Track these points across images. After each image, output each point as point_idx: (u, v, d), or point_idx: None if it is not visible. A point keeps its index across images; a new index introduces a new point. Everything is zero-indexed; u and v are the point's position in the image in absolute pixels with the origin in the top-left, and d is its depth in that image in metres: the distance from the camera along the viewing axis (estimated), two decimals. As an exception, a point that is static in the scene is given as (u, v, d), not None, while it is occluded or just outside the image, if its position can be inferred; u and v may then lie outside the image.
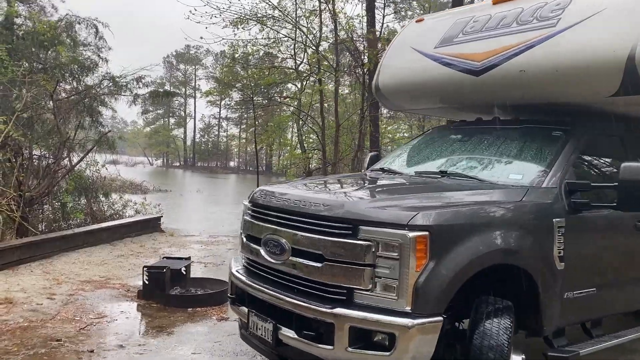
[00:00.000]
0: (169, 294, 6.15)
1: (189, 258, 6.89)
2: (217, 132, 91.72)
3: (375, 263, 3.14)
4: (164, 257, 6.82)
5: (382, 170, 4.83)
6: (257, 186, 14.62)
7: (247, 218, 4.07)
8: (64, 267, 7.61)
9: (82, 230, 9.00)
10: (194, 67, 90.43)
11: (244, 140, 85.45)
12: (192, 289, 6.63)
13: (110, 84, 11.19)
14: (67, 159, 11.48)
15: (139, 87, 11.87)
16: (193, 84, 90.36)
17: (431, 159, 4.74)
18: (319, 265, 3.31)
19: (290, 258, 3.50)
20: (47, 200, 10.28)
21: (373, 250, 3.14)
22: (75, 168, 11.19)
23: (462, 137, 4.84)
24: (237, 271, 4.11)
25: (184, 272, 6.61)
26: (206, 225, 19.67)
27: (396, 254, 3.08)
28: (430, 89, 5.16)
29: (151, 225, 11.21)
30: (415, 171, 4.53)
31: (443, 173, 4.26)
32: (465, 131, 4.95)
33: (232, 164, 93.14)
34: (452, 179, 4.10)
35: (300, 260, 3.42)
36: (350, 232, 3.23)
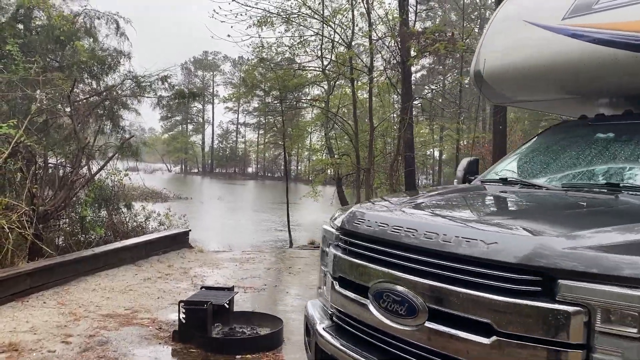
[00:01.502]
0: (212, 336, 4.94)
1: (232, 288, 5.68)
2: (235, 138, 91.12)
3: (591, 343, 1.89)
4: (202, 288, 5.63)
5: (506, 182, 3.56)
6: (287, 193, 13.53)
7: (339, 254, 2.85)
8: (82, 296, 6.45)
9: (103, 250, 7.84)
10: (212, 73, 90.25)
11: (262, 146, 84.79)
12: (237, 326, 5.41)
13: (133, 84, 10.07)
14: (87, 167, 10.43)
15: (164, 88, 10.73)
16: (211, 90, 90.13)
17: (577, 166, 3.46)
18: (485, 340, 2.06)
19: (428, 324, 2.26)
20: (64, 214, 9.17)
21: (586, 320, 1.89)
22: (96, 177, 10.08)
23: (617, 136, 3.56)
24: (325, 330, 2.88)
25: (227, 306, 5.41)
26: (234, 237, 18.58)
27: (635, 330, 1.82)
28: (559, 72, 3.90)
29: (179, 241, 10.05)
30: (563, 184, 3.26)
31: (613, 187, 2.98)
32: (617, 128, 3.66)
33: (250, 169, 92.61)
34: (636, 196, 2.82)
35: (448, 329, 2.18)
36: (539, 288, 1.99)
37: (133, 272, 7.95)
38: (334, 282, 2.85)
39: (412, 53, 16.02)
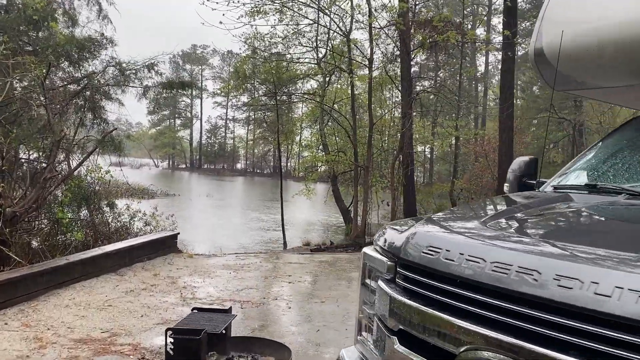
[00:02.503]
0: (207, 374, 4.06)
1: (229, 310, 4.78)
2: (223, 134, 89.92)
3: None
4: (194, 309, 4.73)
5: (595, 189, 2.71)
6: (281, 191, 12.67)
7: (399, 297, 1.97)
8: (52, 315, 5.52)
9: (80, 259, 6.87)
10: (200, 67, 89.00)
11: (251, 142, 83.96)
12: (235, 355, 4.53)
13: (117, 72, 9.09)
14: (66, 162, 9.48)
15: (151, 77, 9.77)
16: (200, 84, 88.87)
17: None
18: None
19: None
20: (37, 216, 8.20)
21: None
22: (74, 174, 9.10)
23: None
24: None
25: (224, 331, 4.52)
26: (225, 238, 17.63)
27: None
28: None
29: (166, 245, 9.13)
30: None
31: None
32: None
33: (239, 166, 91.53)
34: None
35: None
36: None
37: (114, 282, 7.02)
38: (392, 337, 1.98)
39: (412, 45, 15.20)
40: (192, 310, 4.73)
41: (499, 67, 55.50)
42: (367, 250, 2.40)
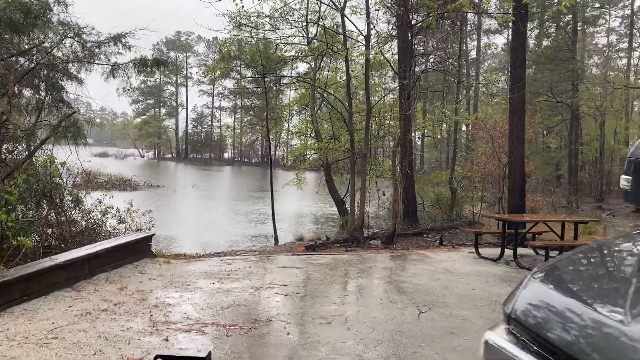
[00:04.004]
0: None
1: (208, 357, 3.40)
2: (210, 122, 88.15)
3: None
4: (157, 357, 3.38)
5: None
6: (271, 183, 11.21)
7: None
8: (-29, 358, 4.13)
9: (23, 274, 5.39)
10: (185, 54, 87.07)
11: (238, 130, 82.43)
12: (217, 421, 3.18)
13: (75, 43, 7.61)
14: (25, 152, 8.03)
15: (119, 52, 8.29)
16: (184, 72, 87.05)
17: None
18: None
19: None
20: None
21: None
22: (26, 167, 7.64)
23: None
24: None
25: (200, 390, 3.16)
26: (210, 233, 16.26)
27: None
28: None
29: (137, 250, 7.71)
30: None
31: None
32: None
33: (226, 155, 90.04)
34: None
35: None
36: None
37: (67, 302, 5.61)
38: None
39: (415, 19, 13.86)
40: (155, 358, 3.35)
41: (489, 52, 54.05)
42: (499, 340, 1.05)
